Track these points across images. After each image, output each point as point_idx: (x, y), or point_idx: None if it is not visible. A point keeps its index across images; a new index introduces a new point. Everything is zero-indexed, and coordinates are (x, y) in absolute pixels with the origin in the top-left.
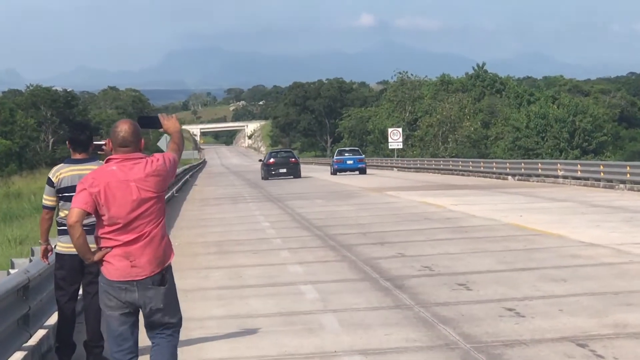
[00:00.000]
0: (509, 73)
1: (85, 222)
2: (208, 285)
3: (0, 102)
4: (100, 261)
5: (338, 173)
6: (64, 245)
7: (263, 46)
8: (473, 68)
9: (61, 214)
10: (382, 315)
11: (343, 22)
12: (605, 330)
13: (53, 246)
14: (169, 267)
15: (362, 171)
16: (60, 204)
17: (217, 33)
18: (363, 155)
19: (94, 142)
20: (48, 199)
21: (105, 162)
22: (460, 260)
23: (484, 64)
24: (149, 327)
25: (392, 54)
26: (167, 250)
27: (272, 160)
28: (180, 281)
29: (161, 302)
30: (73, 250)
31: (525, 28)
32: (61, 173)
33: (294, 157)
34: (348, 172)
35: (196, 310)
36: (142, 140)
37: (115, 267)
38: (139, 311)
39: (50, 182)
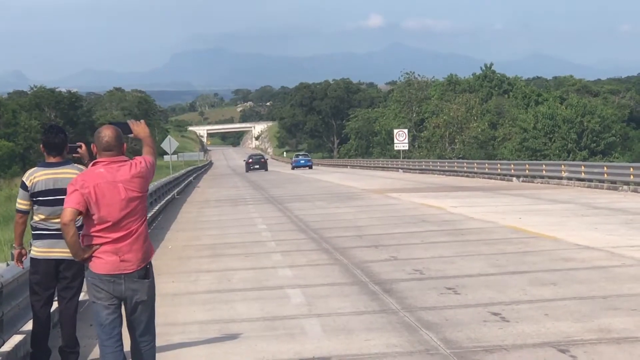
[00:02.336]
0: (518, 74)
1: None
2: (196, 289)
3: (3, 104)
4: (89, 257)
5: (295, 169)
6: (38, 250)
7: (270, 48)
8: (481, 68)
9: (35, 218)
10: (366, 320)
11: (351, 23)
12: (589, 335)
13: (28, 250)
14: (151, 263)
15: (310, 167)
16: (34, 208)
17: (223, 35)
18: (310, 157)
19: (69, 145)
20: (22, 203)
21: (92, 165)
22: (452, 264)
23: (491, 65)
24: (131, 323)
25: (401, 54)
26: (149, 247)
27: (250, 160)
28: (169, 285)
29: (145, 295)
30: (47, 255)
31: (535, 29)
32: (35, 177)
33: (264, 158)
34: (301, 168)
35: (180, 314)
36: (125, 144)
37: (105, 262)
38: (121, 305)
39: (24, 186)
